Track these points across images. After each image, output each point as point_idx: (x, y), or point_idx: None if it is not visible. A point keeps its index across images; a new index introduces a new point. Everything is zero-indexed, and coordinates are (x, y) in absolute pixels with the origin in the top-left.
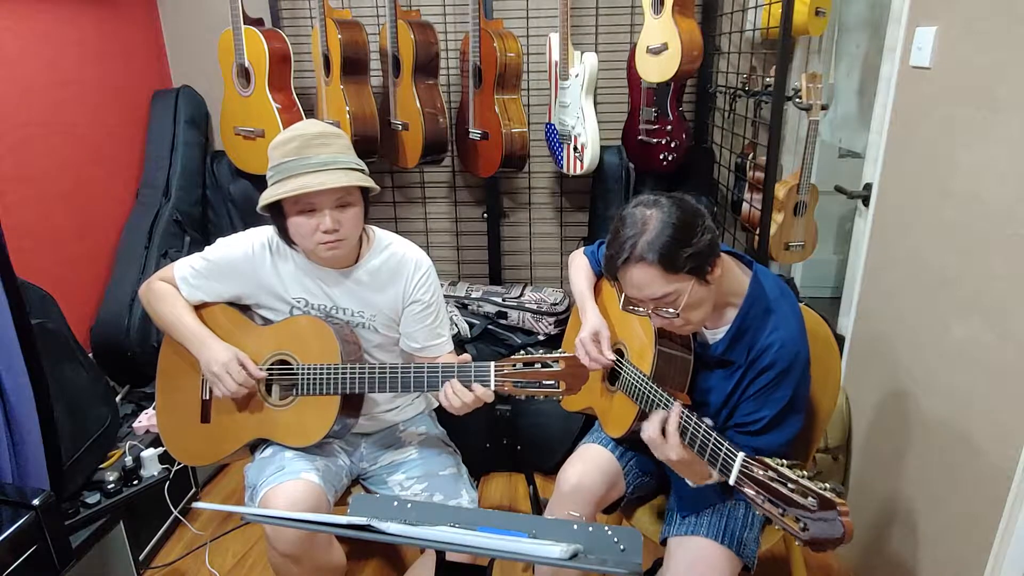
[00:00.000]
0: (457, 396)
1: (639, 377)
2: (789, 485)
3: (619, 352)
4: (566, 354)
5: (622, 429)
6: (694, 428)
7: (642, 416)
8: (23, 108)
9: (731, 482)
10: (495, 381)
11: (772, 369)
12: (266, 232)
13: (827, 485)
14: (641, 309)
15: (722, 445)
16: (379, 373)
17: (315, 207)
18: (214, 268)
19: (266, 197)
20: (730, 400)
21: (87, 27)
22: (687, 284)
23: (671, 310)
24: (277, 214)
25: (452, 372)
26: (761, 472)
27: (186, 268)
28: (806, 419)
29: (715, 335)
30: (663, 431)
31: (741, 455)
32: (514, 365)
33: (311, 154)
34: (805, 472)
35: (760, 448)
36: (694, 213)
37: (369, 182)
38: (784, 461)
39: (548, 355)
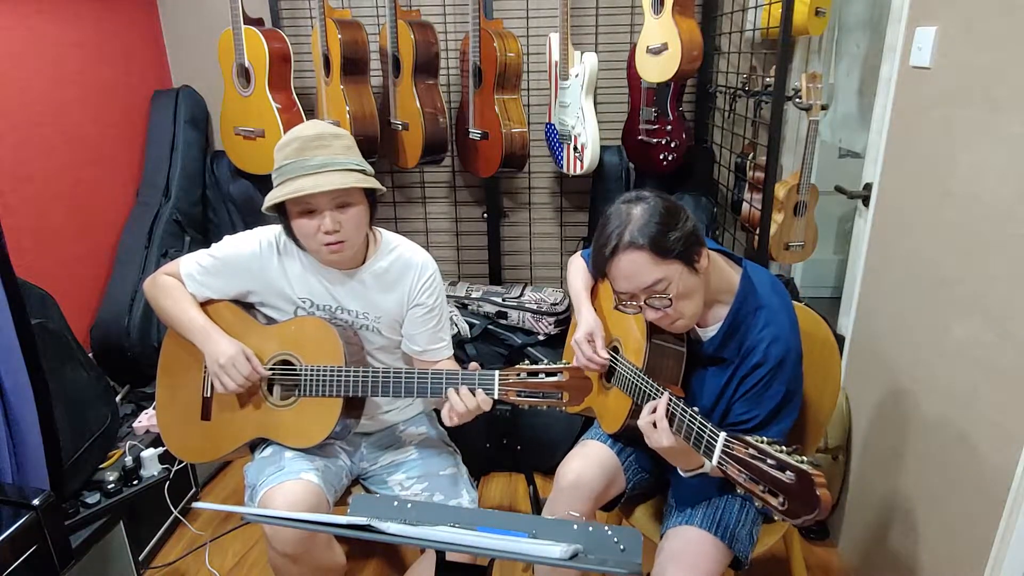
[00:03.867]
0: (462, 402)
1: (633, 371)
2: (768, 461)
3: (614, 349)
4: (570, 364)
5: (617, 423)
6: (680, 413)
7: (636, 410)
8: (23, 108)
9: (713, 462)
10: (499, 390)
11: (763, 366)
12: (273, 231)
13: (804, 459)
14: (633, 304)
15: (705, 427)
16: (383, 377)
17: (315, 208)
18: (221, 266)
19: (268, 199)
20: (721, 397)
21: (87, 27)
22: (677, 269)
23: (664, 297)
24: (282, 216)
25: (456, 379)
26: (742, 450)
27: (193, 265)
28: (806, 419)
29: (707, 333)
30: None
31: (723, 435)
32: (518, 374)
33: (309, 156)
34: (783, 447)
35: None
36: (675, 203)
37: (370, 182)
38: (764, 439)
39: (552, 365)
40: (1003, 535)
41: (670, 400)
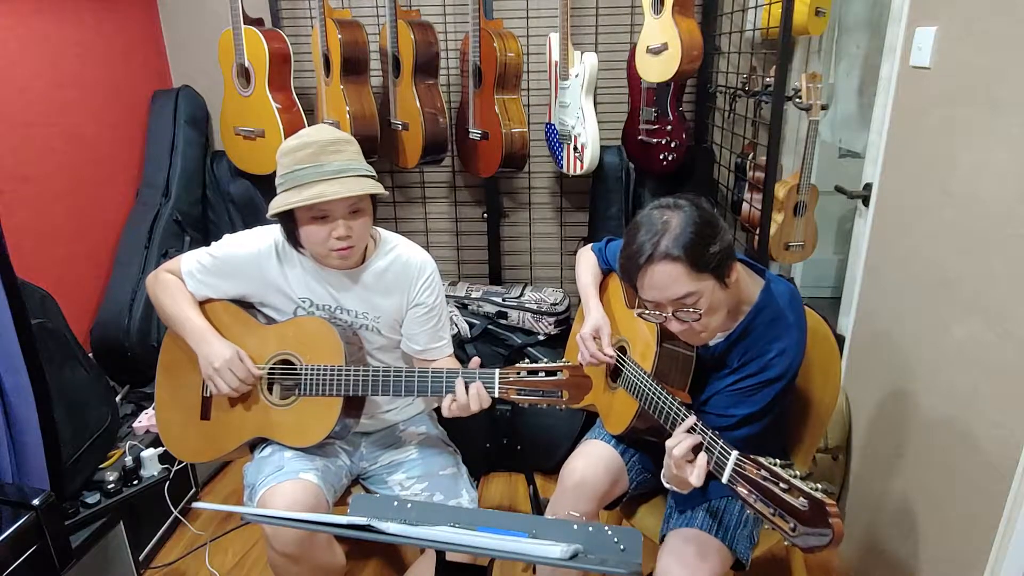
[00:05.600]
0: (466, 398)
1: (640, 374)
2: (781, 485)
3: (622, 349)
4: (570, 363)
5: (622, 426)
6: (700, 431)
7: (642, 414)
8: (23, 108)
9: (723, 481)
10: (499, 388)
11: (760, 375)
12: (273, 232)
13: (818, 486)
14: (658, 314)
15: (716, 444)
16: (383, 376)
17: (328, 215)
18: (221, 265)
19: (279, 204)
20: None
21: (87, 27)
22: (709, 284)
23: (693, 311)
24: (288, 220)
25: (456, 376)
26: (754, 471)
27: (193, 263)
28: (806, 419)
29: (716, 338)
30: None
31: (735, 454)
32: (519, 373)
33: (325, 161)
34: (797, 472)
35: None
36: (713, 214)
37: (380, 188)
38: (777, 461)
39: (552, 364)
40: (1003, 535)
41: (694, 426)
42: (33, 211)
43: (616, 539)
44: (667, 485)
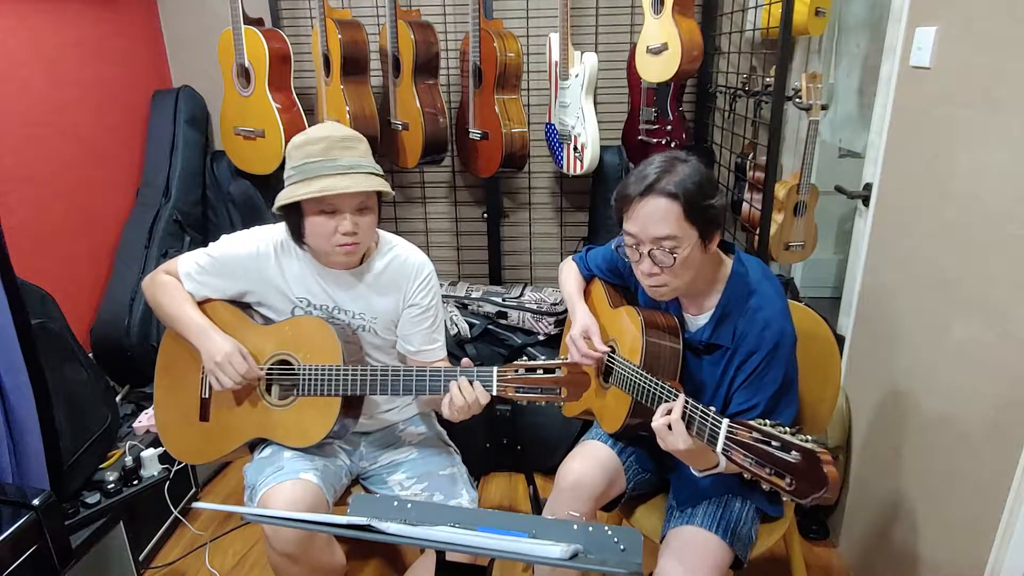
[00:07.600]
0: (462, 396)
1: (631, 369)
2: (773, 443)
3: (611, 348)
4: (568, 361)
5: (617, 423)
6: (691, 410)
7: (636, 406)
8: (23, 108)
9: (718, 450)
10: (497, 386)
11: (758, 352)
12: (271, 232)
13: (809, 438)
14: (634, 248)
15: (708, 416)
16: (381, 375)
17: (337, 209)
18: (219, 265)
19: (287, 196)
20: (721, 384)
21: (87, 27)
22: (692, 236)
23: (669, 254)
24: (294, 213)
25: (455, 375)
26: (746, 435)
27: (191, 264)
28: (806, 419)
29: (700, 320)
30: (669, 425)
31: (725, 422)
32: (516, 371)
33: (337, 156)
34: (787, 428)
35: None
36: (715, 178)
37: (388, 187)
38: (767, 421)
39: (550, 362)
40: (1003, 535)
41: (687, 402)
42: (33, 211)
43: (616, 539)
44: (697, 474)
